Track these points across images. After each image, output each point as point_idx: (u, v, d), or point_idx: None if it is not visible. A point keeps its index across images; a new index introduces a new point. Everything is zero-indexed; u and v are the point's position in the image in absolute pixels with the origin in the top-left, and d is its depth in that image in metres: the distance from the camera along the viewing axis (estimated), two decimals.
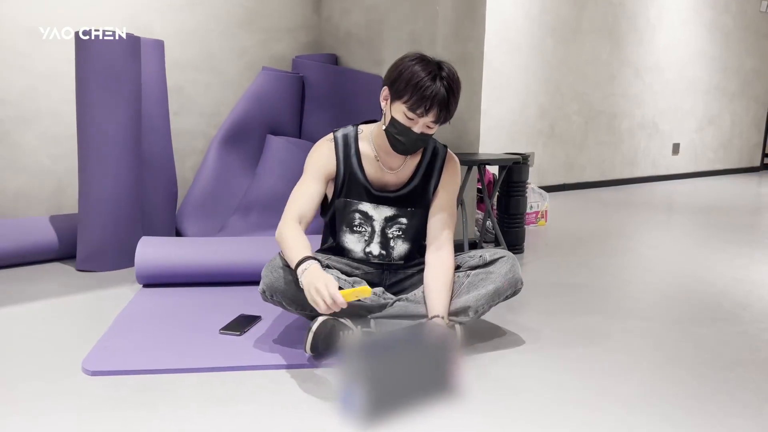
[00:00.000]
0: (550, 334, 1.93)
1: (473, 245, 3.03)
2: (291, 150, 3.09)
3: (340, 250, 1.83)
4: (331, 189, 1.77)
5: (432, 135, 1.67)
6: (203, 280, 2.33)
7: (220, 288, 2.32)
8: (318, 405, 1.42)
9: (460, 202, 2.72)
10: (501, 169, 2.96)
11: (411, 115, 1.58)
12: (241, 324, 1.89)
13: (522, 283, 1.74)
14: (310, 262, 1.50)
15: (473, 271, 1.74)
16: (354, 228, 1.78)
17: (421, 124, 1.60)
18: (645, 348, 1.84)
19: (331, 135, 1.76)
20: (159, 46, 2.83)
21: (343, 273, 1.76)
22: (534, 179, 5.13)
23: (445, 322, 1.62)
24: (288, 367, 1.61)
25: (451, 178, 1.81)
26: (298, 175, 1.76)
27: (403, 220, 1.78)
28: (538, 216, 3.82)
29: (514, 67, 4.93)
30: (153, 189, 2.81)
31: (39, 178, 3.02)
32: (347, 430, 1.31)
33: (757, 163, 7.68)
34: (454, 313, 1.69)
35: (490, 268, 1.72)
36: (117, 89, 2.47)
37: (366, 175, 1.74)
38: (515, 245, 3.06)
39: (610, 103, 5.73)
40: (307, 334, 1.61)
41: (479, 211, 3.37)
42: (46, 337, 1.81)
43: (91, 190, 2.51)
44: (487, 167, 3.28)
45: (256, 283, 2.29)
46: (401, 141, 1.64)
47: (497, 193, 3.08)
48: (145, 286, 2.32)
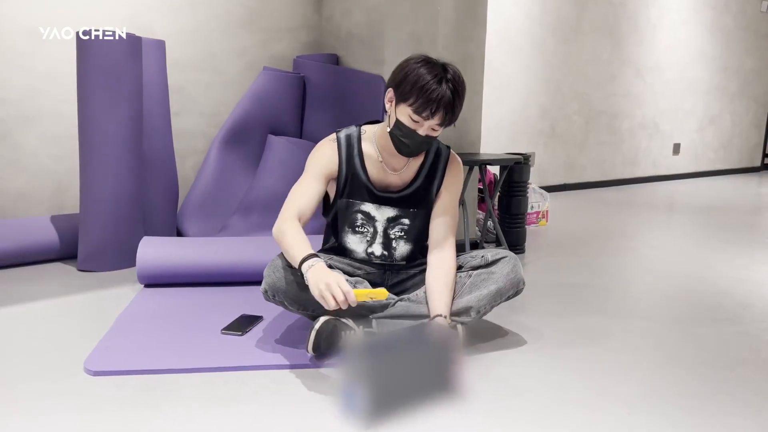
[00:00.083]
0: (551, 334, 1.93)
1: (474, 245, 3.03)
2: (292, 150, 3.09)
3: (341, 251, 1.83)
4: (333, 189, 1.77)
5: (437, 137, 1.67)
6: (204, 280, 2.33)
7: (222, 288, 2.32)
8: (320, 405, 1.42)
9: (461, 203, 2.72)
10: (502, 169, 2.96)
11: (416, 117, 1.58)
12: (243, 324, 1.89)
13: (524, 283, 1.74)
14: (315, 259, 1.50)
15: (475, 272, 1.74)
16: (356, 228, 1.78)
17: (427, 127, 1.60)
18: (646, 348, 1.84)
19: (334, 135, 1.76)
20: (160, 46, 2.83)
21: (345, 273, 1.75)
22: (535, 179, 5.13)
23: (447, 322, 1.62)
24: (290, 367, 1.62)
25: (454, 179, 1.81)
26: (298, 175, 1.75)
27: (406, 221, 1.77)
28: (539, 216, 3.82)
29: (515, 67, 4.93)
30: (154, 189, 2.81)
31: (40, 178, 3.02)
32: (349, 430, 1.31)
33: (757, 163, 7.69)
34: (456, 314, 1.69)
35: (492, 269, 1.72)
36: (118, 89, 2.48)
37: (369, 175, 1.74)
38: (516, 245, 3.06)
39: (610, 103, 5.73)
40: (309, 334, 1.61)
41: (480, 211, 3.37)
42: (48, 338, 1.81)
43: (92, 190, 2.51)
44: (488, 167, 3.28)
45: (258, 283, 2.29)
46: (406, 143, 1.63)
47: (498, 193, 3.09)
48: (147, 286, 2.32)
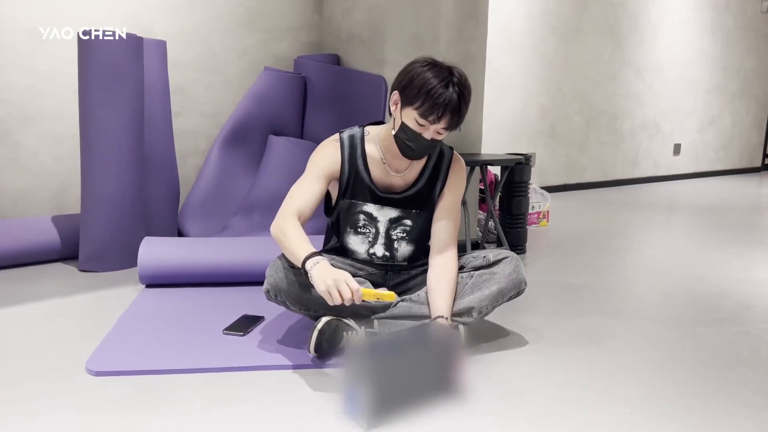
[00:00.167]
0: (552, 334, 1.93)
1: (475, 246, 3.04)
2: (293, 150, 3.09)
3: (343, 251, 1.83)
4: (335, 189, 1.76)
5: (442, 140, 1.67)
6: (206, 280, 2.33)
7: (223, 288, 2.32)
8: (322, 405, 1.42)
9: (462, 203, 2.72)
10: (503, 170, 2.96)
11: (422, 121, 1.57)
12: (244, 324, 1.89)
13: (525, 283, 1.74)
14: (318, 257, 1.50)
15: (477, 272, 1.74)
16: (358, 229, 1.77)
17: (432, 131, 1.59)
18: (647, 348, 1.84)
19: (337, 135, 1.75)
20: (161, 46, 2.83)
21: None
22: (535, 179, 5.13)
23: (448, 323, 1.62)
24: (292, 367, 1.62)
25: (457, 180, 1.80)
26: (299, 174, 1.75)
27: (408, 222, 1.77)
28: (540, 216, 3.82)
29: (516, 67, 4.93)
30: (155, 189, 2.80)
31: (41, 178, 3.02)
32: (351, 431, 1.31)
33: (757, 163, 7.69)
34: (458, 314, 1.69)
35: (494, 269, 1.72)
36: (119, 89, 2.47)
37: (371, 176, 1.73)
38: (517, 246, 3.06)
39: (611, 103, 5.73)
40: (311, 335, 1.61)
41: (481, 212, 3.37)
42: (49, 338, 1.81)
43: (93, 190, 2.50)
44: (489, 167, 3.28)
45: (259, 283, 2.30)
46: (411, 147, 1.62)
47: (499, 193, 3.09)
48: (148, 286, 2.32)
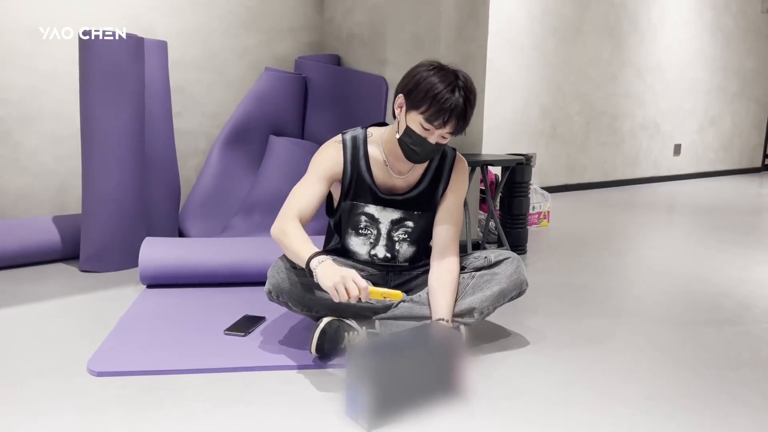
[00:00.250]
0: (554, 334, 1.93)
1: (476, 246, 3.04)
2: (293, 150, 3.09)
3: (344, 252, 1.82)
4: (337, 190, 1.76)
5: (446, 143, 1.65)
6: (207, 280, 2.33)
7: (224, 288, 2.32)
8: (323, 405, 1.42)
9: (463, 203, 2.72)
10: (504, 170, 2.96)
11: (428, 126, 1.55)
12: (246, 325, 1.89)
13: (527, 284, 1.74)
14: (323, 257, 1.50)
15: (478, 273, 1.74)
16: (359, 231, 1.77)
17: (437, 135, 1.58)
18: (648, 348, 1.84)
19: (339, 137, 1.74)
20: (162, 46, 2.83)
21: None
22: (536, 180, 5.13)
23: (449, 326, 1.62)
24: (293, 367, 1.62)
25: (460, 182, 1.79)
26: (300, 175, 1.74)
27: (410, 224, 1.77)
28: (541, 217, 3.82)
29: (516, 67, 4.93)
30: (156, 189, 2.81)
31: (41, 178, 3.02)
32: (352, 431, 1.31)
33: (757, 163, 7.69)
34: (459, 315, 1.69)
35: (495, 270, 1.72)
36: (120, 89, 2.48)
37: (374, 178, 1.72)
38: (518, 246, 3.06)
39: (611, 104, 5.73)
40: (313, 335, 1.61)
41: (482, 212, 3.37)
42: (51, 338, 1.81)
43: (94, 191, 2.50)
44: (489, 168, 3.28)
45: (260, 283, 2.30)
46: (416, 151, 1.61)
47: (500, 193, 3.09)
48: (149, 286, 2.32)
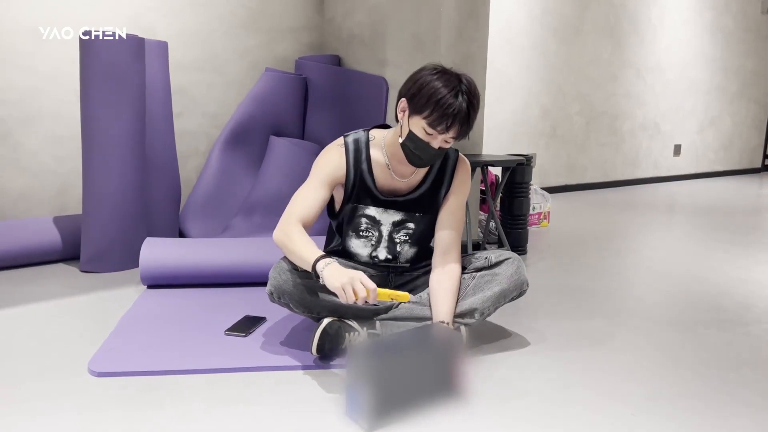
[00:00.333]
0: (554, 335, 1.93)
1: (476, 246, 3.04)
2: (294, 151, 3.10)
3: (345, 253, 1.82)
4: (339, 194, 1.75)
5: (449, 147, 1.65)
6: (207, 281, 2.34)
7: (225, 289, 2.32)
8: (324, 406, 1.42)
9: None
10: (504, 171, 2.97)
11: (431, 131, 1.54)
12: (246, 325, 1.89)
13: (527, 284, 1.74)
14: (329, 259, 1.50)
15: (479, 273, 1.74)
16: (360, 233, 1.76)
17: (441, 140, 1.57)
18: (648, 348, 1.84)
19: (341, 140, 1.73)
20: (162, 47, 2.84)
21: None
22: (536, 180, 5.14)
23: (449, 327, 1.62)
24: (293, 368, 1.62)
25: (462, 183, 1.78)
26: (301, 175, 1.74)
27: (411, 225, 1.76)
28: (541, 217, 3.82)
29: (516, 67, 4.94)
30: (156, 190, 2.81)
31: (41, 178, 3.02)
32: (352, 431, 1.32)
33: (757, 164, 7.69)
34: (460, 315, 1.69)
35: (496, 270, 1.72)
36: (120, 90, 2.48)
37: (375, 181, 1.72)
38: (518, 246, 3.06)
39: (611, 104, 5.73)
40: (314, 336, 1.61)
41: (482, 213, 3.37)
42: (51, 339, 1.81)
43: (94, 191, 2.51)
44: (489, 168, 3.28)
45: (261, 284, 2.31)
46: (419, 156, 1.61)
47: (500, 194, 3.09)
48: (150, 287, 2.32)
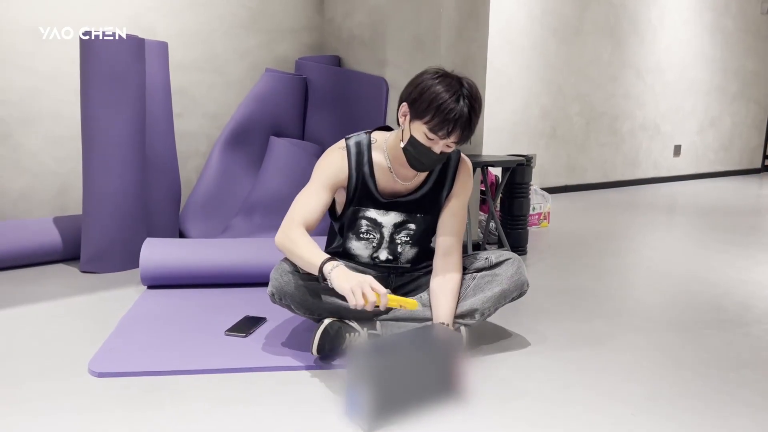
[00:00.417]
0: (554, 335, 1.93)
1: (476, 247, 3.04)
2: (294, 151, 3.09)
3: (346, 254, 1.82)
4: (341, 196, 1.74)
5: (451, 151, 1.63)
6: (208, 281, 2.34)
7: (225, 289, 2.32)
8: (324, 406, 1.42)
9: None
10: (504, 171, 2.97)
11: (432, 136, 1.54)
12: (247, 325, 1.89)
13: (528, 285, 1.74)
14: (336, 262, 1.49)
15: (479, 274, 1.74)
16: (361, 235, 1.76)
17: (442, 145, 1.56)
18: (648, 349, 1.84)
19: (343, 143, 1.72)
20: (162, 47, 2.84)
21: None
22: (536, 181, 5.14)
23: (449, 328, 1.62)
24: (294, 368, 1.62)
25: (464, 185, 1.77)
26: (301, 176, 1.74)
27: (412, 226, 1.76)
28: (541, 218, 3.82)
29: (516, 67, 4.94)
30: (156, 190, 2.81)
31: (41, 179, 3.02)
32: None
33: (757, 165, 7.69)
34: (461, 316, 1.69)
35: (496, 271, 1.72)
36: (120, 90, 2.48)
37: (377, 184, 1.71)
38: (518, 247, 3.06)
39: (611, 104, 5.73)
40: (314, 336, 1.61)
41: (482, 213, 3.37)
42: (51, 339, 1.81)
43: (94, 191, 2.51)
44: (489, 169, 3.28)
45: (261, 284, 2.31)
46: (420, 161, 1.60)
47: (500, 194, 3.09)
48: (150, 287, 2.32)
